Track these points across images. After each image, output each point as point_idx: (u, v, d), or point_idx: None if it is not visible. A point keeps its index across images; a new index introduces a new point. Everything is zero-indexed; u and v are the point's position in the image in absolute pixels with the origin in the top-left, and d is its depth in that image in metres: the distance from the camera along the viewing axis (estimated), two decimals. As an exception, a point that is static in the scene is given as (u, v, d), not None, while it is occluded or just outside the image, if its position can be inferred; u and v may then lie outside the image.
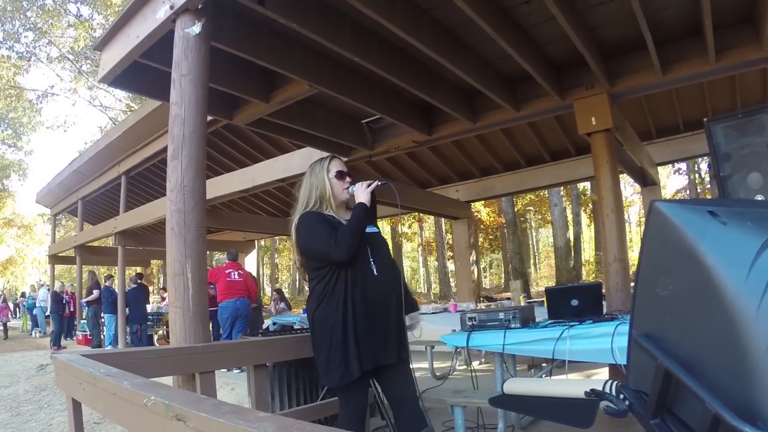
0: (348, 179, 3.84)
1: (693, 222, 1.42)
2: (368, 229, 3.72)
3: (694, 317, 1.43)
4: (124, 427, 2.35)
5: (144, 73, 5.34)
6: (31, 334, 25.16)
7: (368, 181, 3.77)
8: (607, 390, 1.87)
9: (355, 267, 3.60)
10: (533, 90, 6.64)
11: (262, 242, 39.22)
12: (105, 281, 17.83)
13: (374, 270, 3.65)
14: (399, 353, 3.68)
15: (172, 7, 4.17)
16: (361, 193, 3.72)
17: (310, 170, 3.91)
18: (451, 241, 28.04)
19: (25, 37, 34.19)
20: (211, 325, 11.66)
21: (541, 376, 6.25)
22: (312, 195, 3.80)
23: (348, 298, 3.53)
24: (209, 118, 6.41)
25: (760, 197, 4.65)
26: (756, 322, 1.25)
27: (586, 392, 2.14)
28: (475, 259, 13.95)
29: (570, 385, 4.53)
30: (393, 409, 3.77)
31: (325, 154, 8.21)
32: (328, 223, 3.62)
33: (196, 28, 4.09)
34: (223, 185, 11.95)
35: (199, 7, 4.12)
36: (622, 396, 1.73)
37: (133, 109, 29.08)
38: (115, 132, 14.96)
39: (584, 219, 37.95)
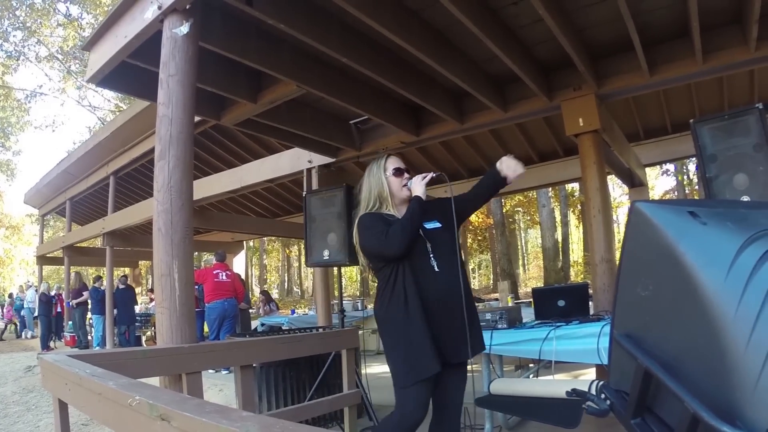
0: (406, 175, 3.75)
1: (673, 222, 1.43)
2: (429, 225, 3.63)
3: (674, 317, 1.44)
4: (110, 427, 2.34)
5: (132, 73, 5.33)
6: (20, 336, 25.01)
7: (423, 174, 3.69)
8: (590, 390, 1.88)
9: (414, 264, 3.49)
10: (521, 91, 6.65)
11: (251, 243, 39.19)
12: (94, 282, 17.75)
13: (435, 266, 3.51)
14: (467, 352, 3.49)
15: (160, 8, 4.16)
16: (417, 186, 3.63)
17: (367, 171, 3.84)
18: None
19: (13, 36, 34.12)
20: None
21: (528, 377, 6.27)
22: (371, 196, 3.74)
23: (408, 296, 3.42)
24: (197, 118, 6.41)
25: (746, 198, 4.67)
26: (735, 322, 1.26)
27: (567, 392, 2.15)
28: (463, 260, 13.98)
29: (555, 386, 4.56)
30: (433, 412, 3.65)
31: (311, 153, 8.28)
32: (384, 222, 3.55)
33: (184, 29, 4.09)
34: (211, 186, 11.94)
35: (187, 7, 4.12)
36: (603, 396, 1.74)
37: (121, 109, 28.99)
38: (104, 132, 14.92)
39: (573, 220, 38.07)
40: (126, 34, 4.62)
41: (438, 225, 3.67)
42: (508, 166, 3.65)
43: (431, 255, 3.53)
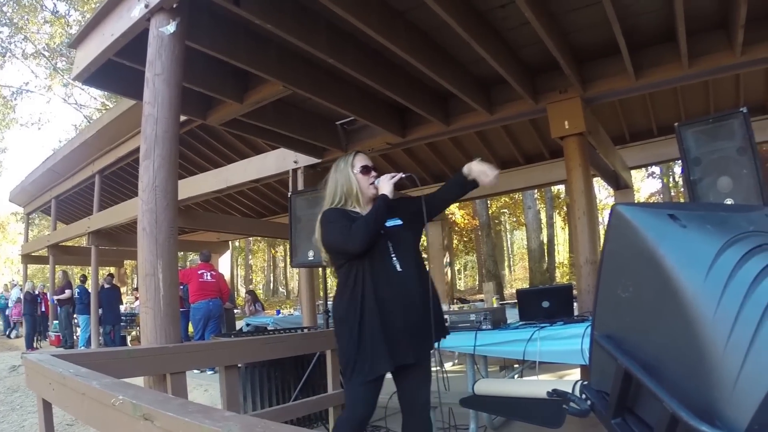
0: (374, 173, 3.73)
1: (653, 225, 1.45)
2: (390, 222, 3.60)
3: (654, 318, 1.45)
4: (94, 427, 2.34)
5: (118, 71, 5.32)
6: (6, 335, 24.74)
7: (392, 174, 3.67)
8: (573, 390, 1.89)
9: (375, 262, 3.47)
10: (507, 93, 6.67)
11: (236, 243, 39.04)
12: (82, 282, 17.60)
13: (397, 265, 3.49)
14: (424, 353, 3.56)
15: (147, 6, 4.16)
16: (384, 184, 3.60)
17: (334, 167, 3.83)
18: (425, 243, 28.12)
19: (0, 32, 33.89)
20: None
21: (513, 377, 6.29)
22: (337, 192, 3.72)
23: (367, 295, 3.42)
24: (184, 117, 6.40)
25: (729, 201, 4.70)
26: (714, 323, 1.28)
27: (548, 392, 2.16)
28: (448, 260, 14.03)
29: (539, 386, 4.57)
30: (402, 413, 3.66)
31: (297, 154, 8.27)
32: (348, 218, 3.54)
33: (171, 28, 4.08)
34: (197, 185, 11.92)
35: (174, 6, 4.11)
36: (584, 396, 1.75)
37: (108, 107, 28.87)
38: (90, 130, 14.83)
39: (559, 222, 38.19)
40: (113, 32, 4.61)
41: (399, 222, 3.66)
42: (480, 171, 3.64)
43: (393, 255, 3.53)
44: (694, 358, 1.31)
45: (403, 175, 3.71)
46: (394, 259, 3.51)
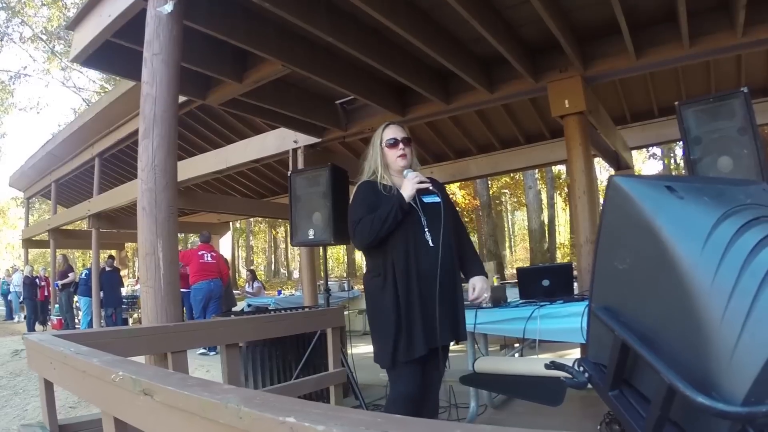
0: (401, 146, 3.67)
1: (650, 196, 1.45)
2: (428, 199, 3.58)
3: (651, 290, 1.46)
4: (95, 404, 2.35)
5: (116, 52, 5.30)
6: (12, 319, 24.72)
7: (420, 178, 3.52)
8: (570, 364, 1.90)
9: (408, 238, 3.44)
10: (507, 72, 6.64)
11: (237, 224, 39.06)
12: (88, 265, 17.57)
13: (429, 240, 3.45)
14: (455, 334, 3.53)
15: (144, -14, 4.15)
16: (408, 184, 3.49)
17: (372, 139, 3.84)
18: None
19: (-3, 16, 33.73)
20: (183, 308, 11.68)
21: (513, 356, 6.31)
22: (370, 165, 3.75)
23: (400, 272, 3.40)
24: (183, 98, 6.39)
25: (729, 180, 4.71)
26: (711, 294, 1.28)
27: (546, 364, 2.17)
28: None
29: (538, 364, 4.59)
30: None
31: (297, 133, 8.26)
32: (372, 200, 3.54)
33: (169, 7, 4.06)
34: (196, 166, 11.89)
35: (172, -15, 4.10)
36: (581, 368, 1.76)
37: (106, 90, 28.79)
38: (89, 113, 14.76)
39: (559, 202, 38.15)
40: (110, 13, 4.59)
41: (437, 199, 3.61)
42: (479, 289, 3.67)
43: (426, 229, 3.49)
44: (691, 329, 1.32)
45: (430, 185, 3.57)
46: (428, 233, 3.48)
